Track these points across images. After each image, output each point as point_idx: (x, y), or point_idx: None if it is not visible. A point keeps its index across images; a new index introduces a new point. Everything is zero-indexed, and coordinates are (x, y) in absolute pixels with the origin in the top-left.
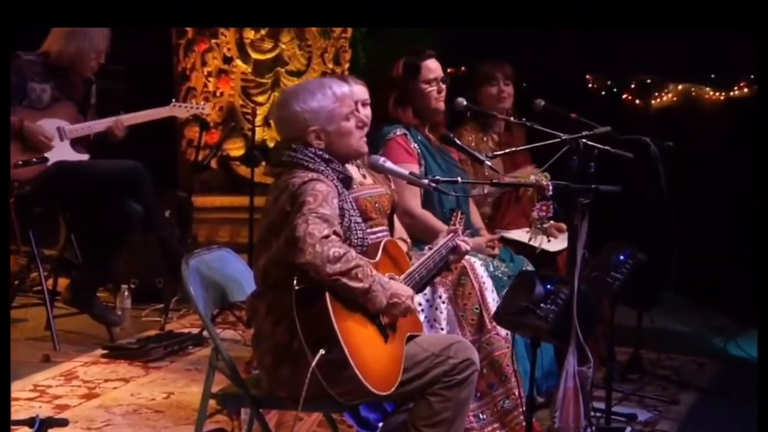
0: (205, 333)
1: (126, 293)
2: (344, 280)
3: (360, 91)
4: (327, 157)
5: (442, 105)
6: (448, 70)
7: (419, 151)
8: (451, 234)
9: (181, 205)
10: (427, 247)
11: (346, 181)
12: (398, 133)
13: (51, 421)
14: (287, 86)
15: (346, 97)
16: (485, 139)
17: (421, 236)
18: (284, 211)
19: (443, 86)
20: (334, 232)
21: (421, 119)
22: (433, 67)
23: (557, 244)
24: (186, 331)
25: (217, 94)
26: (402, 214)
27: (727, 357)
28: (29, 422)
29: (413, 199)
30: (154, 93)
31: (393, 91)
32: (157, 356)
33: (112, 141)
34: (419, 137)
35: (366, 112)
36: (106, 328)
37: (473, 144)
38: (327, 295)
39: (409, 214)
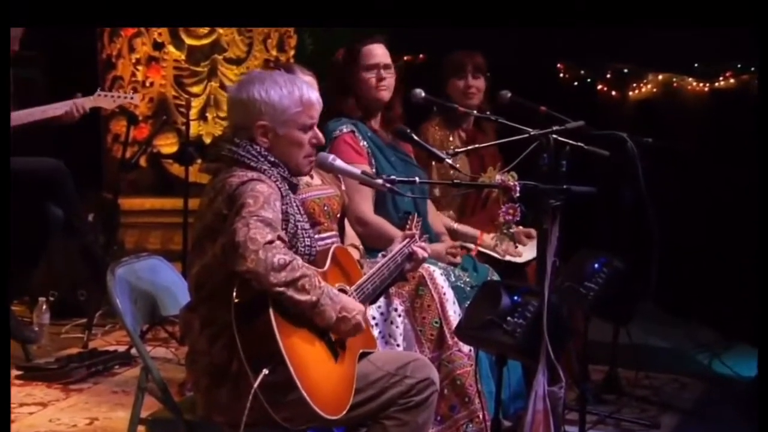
0: (133, 351)
1: (44, 307)
2: (290, 291)
3: (311, 81)
4: (273, 159)
5: (384, 94)
6: (405, 58)
7: (368, 149)
8: (407, 239)
9: (107, 208)
10: (380, 254)
11: (292, 187)
12: (345, 130)
13: None
14: (226, 75)
15: (312, 107)
16: (451, 137)
17: (375, 245)
18: (221, 213)
19: (384, 74)
20: (279, 237)
21: (364, 111)
22: (375, 53)
23: (526, 253)
24: (112, 348)
25: (147, 84)
26: (354, 222)
27: (713, 375)
28: None
29: (365, 204)
30: (77, 83)
31: (333, 79)
32: (79, 377)
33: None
34: (369, 133)
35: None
36: (21, 346)
37: (438, 143)
38: (271, 308)
39: (361, 221)
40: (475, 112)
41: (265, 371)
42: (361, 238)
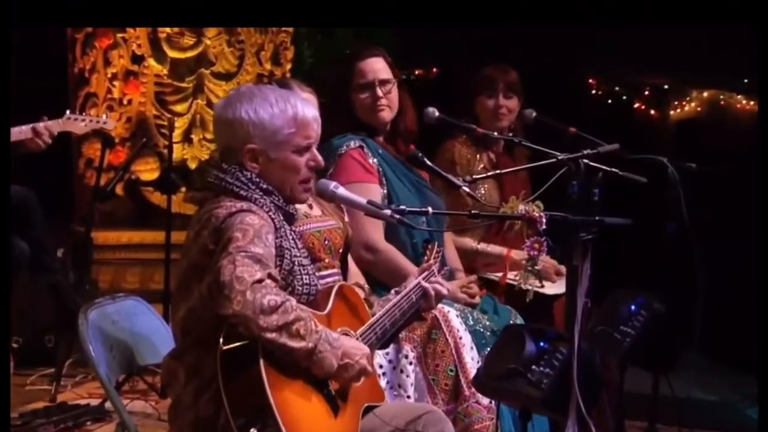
0: (107, 404)
1: None
2: (282, 337)
3: (309, 98)
4: (266, 187)
5: (383, 115)
6: (417, 72)
7: (379, 166)
8: (425, 273)
9: (78, 243)
10: (393, 291)
11: (288, 217)
12: (353, 145)
13: None
14: (214, 92)
15: (308, 126)
16: (479, 157)
17: (384, 277)
18: (207, 249)
19: (381, 92)
20: (269, 276)
21: (367, 131)
22: (368, 69)
23: (553, 288)
24: (83, 402)
25: (125, 101)
26: (363, 248)
27: None
28: None
29: (375, 231)
30: (44, 100)
31: (328, 99)
32: None
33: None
34: (379, 150)
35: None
36: None
37: (465, 161)
38: (261, 356)
39: (371, 248)
40: (495, 133)
41: (254, 430)
42: (369, 268)
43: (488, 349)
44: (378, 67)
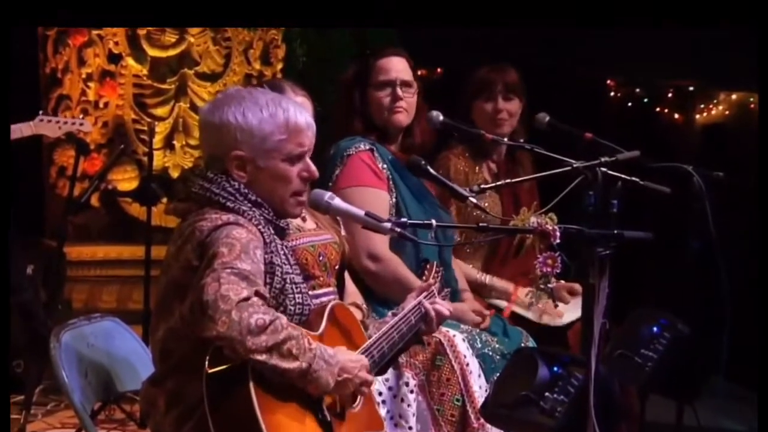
0: None
1: None
2: (273, 359)
3: (303, 102)
4: (255, 198)
5: (399, 118)
6: (419, 73)
7: (389, 174)
8: (423, 294)
9: (50, 259)
10: (390, 313)
11: (279, 232)
12: (362, 147)
13: None
14: (198, 94)
15: (301, 133)
16: (477, 169)
17: (388, 289)
18: (190, 265)
19: (402, 93)
20: (256, 293)
21: (379, 136)
22: (388, 67)
23: (567, 313)
24: None
25: (101, 104)
26: (366, 256)
27: None
28: None
29: (380, 239)
30: (13, 102)
31: (340, 98)
32: None
33: None
34: (389, 157)
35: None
36: None
37: (462, 176)
38: (250, 380)
39: (374, 257)
40: (506, 140)
41: None
42: (372, 279)
43: (497, 374)
44: (401, 67)
